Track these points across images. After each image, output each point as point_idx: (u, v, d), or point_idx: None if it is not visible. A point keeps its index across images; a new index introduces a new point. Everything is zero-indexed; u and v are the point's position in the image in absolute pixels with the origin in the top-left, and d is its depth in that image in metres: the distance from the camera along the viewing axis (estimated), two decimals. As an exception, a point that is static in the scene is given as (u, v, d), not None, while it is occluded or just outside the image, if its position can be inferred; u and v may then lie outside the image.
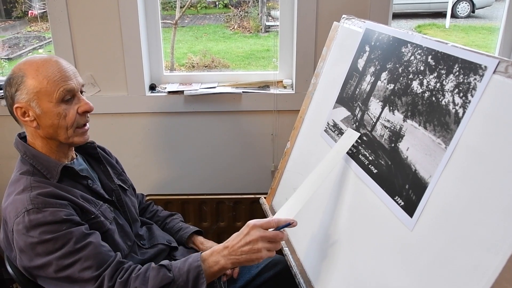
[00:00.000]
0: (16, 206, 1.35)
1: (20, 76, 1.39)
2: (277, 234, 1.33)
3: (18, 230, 1.33)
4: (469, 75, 1.05)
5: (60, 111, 1.41)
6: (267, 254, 1.34)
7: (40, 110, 1.40)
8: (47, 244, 1.31)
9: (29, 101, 1.39)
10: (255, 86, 2.53)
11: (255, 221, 1.35)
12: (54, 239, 1.31)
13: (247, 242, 1.33)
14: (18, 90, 1.39)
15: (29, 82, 1.38)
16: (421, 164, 1.14)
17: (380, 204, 1.26)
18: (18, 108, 1.40)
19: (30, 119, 1.41)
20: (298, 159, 1.88)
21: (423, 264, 1.06)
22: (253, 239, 1.32)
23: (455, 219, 1.00)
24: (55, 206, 1.34)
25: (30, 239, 1.32)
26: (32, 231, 1.31)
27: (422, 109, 1.18)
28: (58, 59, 1.45)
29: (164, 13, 3.73)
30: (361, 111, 1.47)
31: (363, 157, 1.39)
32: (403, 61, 1.31)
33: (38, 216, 1.31)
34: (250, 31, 5.40)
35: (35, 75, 1.38)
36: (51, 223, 1.32)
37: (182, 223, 1.90)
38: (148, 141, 2.58)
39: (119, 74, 2.43)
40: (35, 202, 1.33)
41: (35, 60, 1.41)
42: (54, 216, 1.32)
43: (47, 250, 1.32)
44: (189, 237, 1.83)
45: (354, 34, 1.65)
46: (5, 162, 2.62)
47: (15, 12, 4.58)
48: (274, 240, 1.33)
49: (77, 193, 1.44)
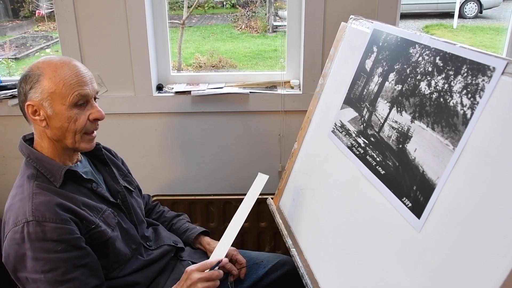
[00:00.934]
0: (17, 214, 1.34)
1: (37, 74, 1.39)
2: (212, 273, 1.48)
3: (13, 239, 1.33)
4: (477, 76, 1.04)
5: (71, 115, 1.41)
6: None
7: (51, 111, 1.40)
8: (36, 262, 1.31)
9: (42, 101, 1.39)
10: (262, 87, 2.53)
11: (191, 266, 1.49)
12: (45, 260, 1.31)
13: (188, 285, 1.45)
14: (32, 88, 1.39)
15: (45, 82, 1.38)
16: (429, 165, 1.13)
17: (387, 206, 1.26)
18: (30, 105, 1.40)
19: (40, 118, 1.41)
20: (305, 160, 1.87)
21: (430, 266, 1.06)
22: (192, 283, 1.44)
23: (463, 220, 1.00)
24: (55, 221, 1.33)
25: (23, 251, 1.32)
26: (27, 244, 1.31)
27: (430, 110, 1.17)
28: (77, 62, 1.45)
29: (172, 13, 3.74)
30: (368, 112, 1.47)
31: (370, 158, 1.39)
32: (411, 62, 1.30)
33: (37, 229, 1.31)
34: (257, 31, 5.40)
35: (52, 75, 1.39)
36: (48, 240, 1.31)
37: (188, 223, 1.90)
38: (155, 142, 2.58)
39: (126, 74, 2.44)
40: (36, 214, 1.32)
41: (54, 61, 1.42)
42: (52, 234, 1.32)
43: (34, 268, 1.32)
44: (196, 238, 1.84)
45: (362, 34, 1.65)
46: (12, 162, 2.63)
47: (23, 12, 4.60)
48: (211, 279, 1.47)
49: (79, 201, 1.43)
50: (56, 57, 1.45)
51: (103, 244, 1.45)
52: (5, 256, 1.36)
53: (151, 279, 1.61)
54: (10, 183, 1.48)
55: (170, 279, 1.65)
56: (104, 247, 1.46)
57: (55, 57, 1.44)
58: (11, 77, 2.71)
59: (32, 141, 1.50)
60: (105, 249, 1.46)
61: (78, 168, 1.52)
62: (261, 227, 2.58)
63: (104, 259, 1.46)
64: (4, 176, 2.65)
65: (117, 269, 1.51)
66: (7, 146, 2.59)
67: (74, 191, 1.45)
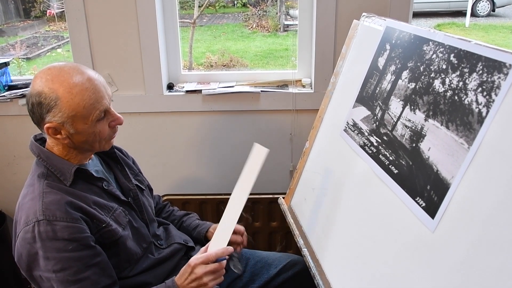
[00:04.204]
0: (28, 213, 1.34)
1: (53, 98, 1.32)
2: (218, 265, 1.42)
3: (24, 238, 1.32)
4: (493, 73, 1.02)
5: (95, 130, 1.40)
6: (214, 284, 1.43)
7: (74, 130, 1.37)
8: (48, 261, 1.31)
9: (63, 123, 1.35)
10: (274, 85, 2.52)
11: (195, 259, 1.42)
12: (56, 259, 1.31)
13: (193, 279, 1.41)
14: (50, 111, 1.34)
15: (64, 106, 1.33)
16: (443, 164, 1.12)
17: (400, 205, 1.24)
18: (50, 128, 1.36)
19: (63, 137, 1.39)
20: (317, 159, 1.86)
21: (445, 267, 1.05)
22: (198, 276, 1.40)
23: (478, 220, 0.98)
24: (66, 220, 1.32)
25: (35, 250, 1.31)
26: (38, 243, 1.31)
27: (444, 109, 1.16)
28: (88, 72, 1.39)
29: (183, 12, 3.74)
30: (381, 110, 1.45)
31: (383, 157, 1.37)
32: (425, 60, 1.28)
33: (47, 228, 1.30)
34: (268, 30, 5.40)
35: (70, 98, 1.33)
36: (59, 239, 1.31)
37: (198, 220, 1.89)
38: (165, 141, 2.58)
39: (136, 73, 2.43)
40: (46, 213, 1.32)
41: (65, 78, 1.34)
42: (63, 233, 1.31)
43: (46, 267, 1.31)
44: (207, 232, 1.83)
45: (375, 32, 1.63)
46: (23, 162, 2.64)
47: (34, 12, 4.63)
48: (217, 271, 1.42)
49: (89, 200, 1.43)
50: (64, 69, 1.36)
51: (114, 243, 1.45)
52: (18, 256, 1.37)
53: (162, 279, 1.60)
54: (21, 182, 1.48)
55: (180, 279, 1.64)
56: (115, 246, 1.45)
57: (64, 70, 1.36)
58: (22, 77, 2.72)
59: (43, 140, 1.49)
60: (116, 248, 1.45)
61: (89, 166, 1.51)
62: (272, 226, 2.57)
63: (115, 258, 1.45)
64: (15, 175, 2.66)
65: (128, 268, 1.51)
66: (18, 146, 2.60)
67: (85, 189, 1.44)
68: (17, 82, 2.56)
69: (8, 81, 2.57)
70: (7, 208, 2.71)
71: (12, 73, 2.64)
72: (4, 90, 2.51)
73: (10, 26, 5.03)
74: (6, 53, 4.47)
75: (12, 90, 2.51)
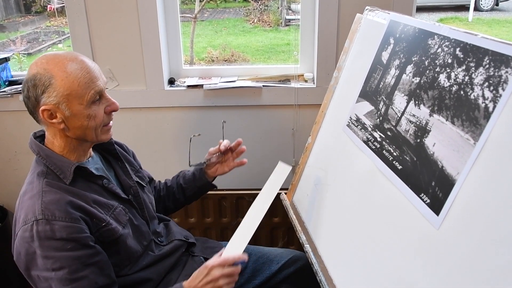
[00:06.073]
0: (26, 212, 1.33)
1: (48, 77, 1.33)
2: (235, 269, 1.43)
3: (23, 237, 1.32)
4: (500, 68, 1.01)
5: (90, 113, 1.39)
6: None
7: (69, 112, 1.36)
8: (46, 260, 1.30)
9: (58, 104, 1.34)
10: (276, 80, 2.50)
11: (213, 261, 1.42)
12: (54, 258, 1.30)
13: (208, 281, 1.40)
14: (45, 92, 1.34)
15: (58, 84, 1.33)
16: (448, 160, 1.10)
17: (405, 202, 1.23)
18: (45, 110, 1.35)
19: (58, 121, 1.37)
20: (319, 155, 1.85)
21: (450, 264, 1.03)
22: (214, 278, 1.40)
23: (484, 217, 0.97)
24: (65, 220, 1.32)
25: (32, 249, 1.31)
26: (37, 242, 1.30)
27: (449, 104, 1.14)
28: (82, 56, 1.41)
29: (184, 7, 3.73)
30: (385, 105, 1.43)
31: (387, 153, 1.36)
32: (430, 54, 1.27)
33: (46, 228, 1.29)
34: (270, 25, 5.38)
35: (64, 76, 1.33)
36: (58, 239, 1.30)
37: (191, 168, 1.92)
38: (167, 136, 2.57)
39: (137, 68, 2.42)
40: (45, 212, 1.31)
41: (60, 59, 1.36)
42: (61, 232, 1.30)
43: (45, 266, 1.31)
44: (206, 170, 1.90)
45: (378, 26, 1.61)
46: (24, 158, 2.62)
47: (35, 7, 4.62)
48: (233, 275, 1.43)
49: (89, 198, 1.42)
50: (59, 54, 1.39)
51: (114, 241, 1.44)
52: (17, 255, 1.36)
53: (163, 275, 1.60)
54: (22, 178, 1.47)
55: (182, 275, 1.64)
56: (115, 245, 1.44)
57: (59, 55, 1.38)
58: (23, 72, 2.71)
59: (43, 137, 1.48)
60: (116, 247, 1.45)
61: (89, 164, 1.50)
62: (274, 222, 2.56)
63: (115, 257, 1.44)
64: (16, 172, 2.65)
65: (128, 266, 1.50)
66: (18, 142, 2.59)
67: (85, 188, 1.43)
68: (18, 78, 2.56)
69: (9, 77, 2.56)
70: (9, 204, 2.70)
71: (12, 68, 2.63)
72: (4, 85, 2.50)
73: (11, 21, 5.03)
74: (7, 49, 4.46)
75: (13, 85, 2.50)
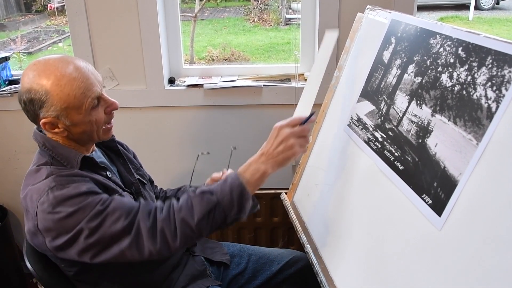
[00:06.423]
0: (38, 188, 1.33)
1: (43, 93, 1.31)
2: (304, 128, 1.41)
3: (43, 210, 1.30)
4: (503, 67, 1.00)
5: (91, 119, 1.39)
6: (300, 149, 1.40)
7: (70, 122, 1.36)
8: (75, 215, 1.29)
9: (58, 116, 1.35)
10: (276, 80, 2.50)
11: (281, 122, 1.42)
12: (81, 209, 1.29)
13: (279, 142, 1.39)
14: (42, 107, 1.33)
15: (55, 99, 1.32)
16: (451, 161, 1.09)
17: (406, 202, 1.22)
18: (46, 123, 1.36)
19: (61, 130, 1.38)
20: (320, 154, 1.84)
21: (452, 266, 1.02)
22: (284, 138, 1.38)
23: (487, 219, 0.96)
24: (77, 181, 1.33)
25: (57, 215, 1.29)
26: (58, 207, 1.29)
27: (451, 104, 1.13)
28: (75, 61, 1.37)
29: (184, 6, 3.72)
30: (386, 105, 1.42)
31: (388, 153, 1.35)
32: (432, 53, 1.26)
33: (62, 191, 1.30)
34: (270, 24, 5.38)
35: (59, 91, 1.32)
36: (75, 196, 1.30)
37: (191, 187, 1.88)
38: (167, 135, 2.56)
39: (137, 68, 2.41)
40: (57, 180, 1.32)
41: (52, 71, 1.32)
42: (77, 189, 1.31)
43: (76, 221, 1.29)
44: None
45: (379, 25, 1.60)
46: (24, 157, 2.62)
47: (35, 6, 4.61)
48: (303, 134, 1.40)
49: (99, 177, 1.42)
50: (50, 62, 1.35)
51: None
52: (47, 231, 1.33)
53: (166, 276, 1.59)
54: (22, 178, 1.45)
55: (183, 275, 1.64)
56: None
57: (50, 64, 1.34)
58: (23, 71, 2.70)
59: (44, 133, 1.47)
60: None
61: (93, 156, 1.50)
62: (274, 222, 2.55)
63: None
64: (16, 171, 2.65)
65: None
66: (18, 141, 2.58)
67: None
68: (18, 77, 2.55)
69: (9, 76, 2.56)
70: (9, 203, 2.69)
71: (12, 67, 2.63)
72: (4, 84, 2.50)
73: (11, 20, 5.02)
74: (7, 48, 4.46)
75: (13, 84, 2.50)
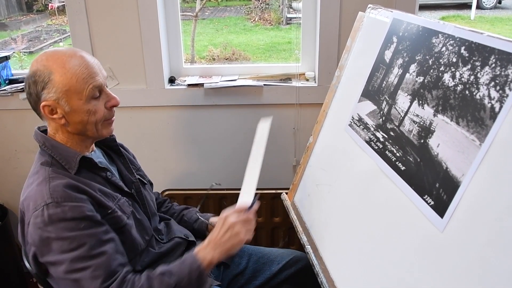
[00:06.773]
0: (35, 198, 1.32)
1: (47, 73, 1.35)
2: (249, 215, 1.49)
3: (35, 224, 1.31)
4: (506, 67, 0.99)
5: (90, 108, 1.39)
6: (246, 236, 1.47)
7: (69, 108, 1.37)
8: (62, 242, 1.29)
9: (58, 99, 1.36)
10: (277, 79, 2.49)
11: (226, 212, 1.49)
12: (70, 238, 1.29)
13: (225, 230, 1.45)
14: (45, 88, 1.35)
15: (57, 80, 1.34)
16: (453, 161, 1.08)
17: (408, 203, 1.21)
18: (46, 106, 1.37)
19: (59, 117, 1.39)
20: (321, 154, 1.83)
21: (454, 267, 1.02)
22: (230, 226, 1.45)
23: (489, 220, 0.95)
24: (74, 200, 1.32)
25: (47, 234, 1.30)
26: (50, 226, 1.29)
27: (454, 103, 1.12)
28: (81, 52, 1.41)
29: (185, 6, 3.72)
30: (388, 105, 1.41)
31: (390, 153, 1.34)
32: (434, 53, 1.25)
33: (57, 210, 1.29)
34: (271, 23, 5.37)
35: (63, 72, 1.35)
36: (70, 219, 1.30)
37: (198, 213, 1.87)
38: (167, 135, 2.55)
39: (138, 67, 2.41)
40: (54, 195, 1.31)
41: (59, 56, 1.37)
42: (73, 212, 1.30)
43: (61, 248, 1.30)
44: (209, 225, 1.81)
45: (381, 24, 1.59)
46: (24, 156, 2.62)
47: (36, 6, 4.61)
48: (248, 220, 1.48)
49: (95, 186, 1.42)
50: (59, 50, 1.41)
51: (120, 230, 1.43)
52: (31, 243, 1.35)
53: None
54: (22, 178, 1.46)
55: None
56: (121, 233, 1.43)
57: (58, 51, 1.40)
58: (23, 71, 2.70)
59: (45, 133, 1.48)
60: (122, 236, 1.44)
61: (93, 157, 1.50)
62: (275, 222, 2.54)
63: None
64: (16, 170, 2.64)
65: (132, 261, 1.48)
66: (19, 140, 2.58)
67: (89, 178, 1.44)
68: (18, 76, 2.55)
69: (9, 75, 2.56)
70: (9, 202, 2.69)
71: (13, 67, 2.63)
72: (5, 84, 2.50)
73: (12, 20, 5.03)
74: (8, 47, 4.46)
75: (13, 84, 2.50)
